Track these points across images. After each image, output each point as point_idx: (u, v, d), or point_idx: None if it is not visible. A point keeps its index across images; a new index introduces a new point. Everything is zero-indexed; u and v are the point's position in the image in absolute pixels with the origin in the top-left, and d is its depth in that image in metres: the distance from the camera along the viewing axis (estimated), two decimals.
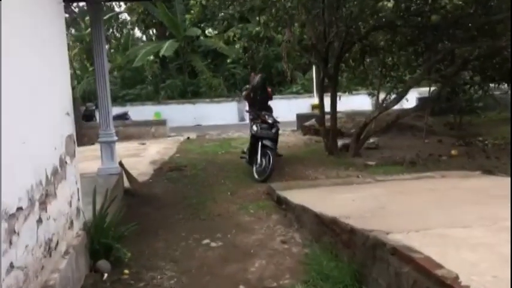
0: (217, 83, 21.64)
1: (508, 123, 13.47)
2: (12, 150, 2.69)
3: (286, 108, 18.06)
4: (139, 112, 19.47)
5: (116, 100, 19.16)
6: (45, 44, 3.66)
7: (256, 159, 7.76)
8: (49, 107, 3.66)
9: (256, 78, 9.19)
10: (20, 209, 2.76)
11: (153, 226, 5.51)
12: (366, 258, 3.42)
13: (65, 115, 4.07)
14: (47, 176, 3.36)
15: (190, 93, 22.14)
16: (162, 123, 15.82)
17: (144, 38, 28.69)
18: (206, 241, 4.97)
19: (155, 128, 15.35)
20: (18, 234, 2.71)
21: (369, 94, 13.82)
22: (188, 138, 14.73)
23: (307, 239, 4.69)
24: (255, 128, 8.03)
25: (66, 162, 3.93)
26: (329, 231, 4.19)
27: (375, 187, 6.04)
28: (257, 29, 9.95)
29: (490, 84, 11.73)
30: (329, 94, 10.10)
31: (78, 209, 4.27)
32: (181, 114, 19.98)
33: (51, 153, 3.58)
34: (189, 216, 5.92)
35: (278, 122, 8.31)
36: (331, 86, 9.87)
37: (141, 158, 10.68)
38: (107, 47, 18.76)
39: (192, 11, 10.09)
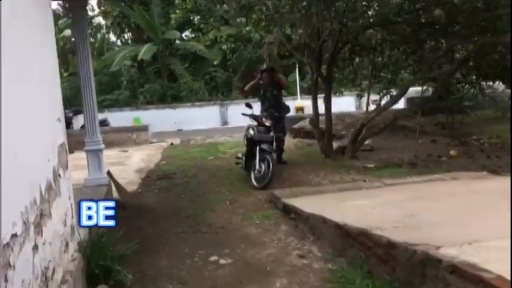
0: (198, 87, 21.07)
1: (500, 121, 13.40)
2: (4, 163, 2.19)
3: None
4: (118, 118, 18.72)
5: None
6: (35, 41, 3.16)
7: (255, 164, 7.29)
8: (40, 111, 3.15)
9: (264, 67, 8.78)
10: (14, 236, 2.26)
11: (151, 242, 5.00)
12: (412, 276, 3.02)
13: (56, 121, 3.56)
14: (41, 193, 2.85)
15: (170, 97, 21.51)
16: (143, 129, 15.19)
17: (119, 42, 27.98)
18: (214, 258, 4.49)
19: (136, 134, 14.71)
20: (13, 267, 2.21)
21: (358, 95, 13.53)
22: (172, 144, 14.18)
23: (328, 252, 4.26)
24: (251, 131, 7.57)
25: (59, 175, 3.42)
26: (357, 244, 3.78)
27: (387, 192, 5.67)
28: (247, 28, 9.52)
29: (482, 83, 11.63)
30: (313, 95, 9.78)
31: (72, 228, 3.75)
32: (162, 119, 19.31)
33: (45, 165, 3.07)
34: (189, 230, 5.42)
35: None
36: (325, 86, 9.50)
37: (125, 166, 10.13)
38: None
39: (178, 11, 9.60)
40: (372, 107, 11.83)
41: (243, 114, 7.88)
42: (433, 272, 2.80)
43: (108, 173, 6.70)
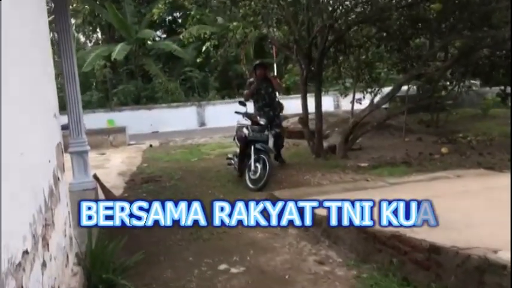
0: (173, 87, 20.49)
1: (481, 119, 13.50)
2: (11, 165, 1.78)
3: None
4: (91, 120, 17.86)
5: (65, 108, 17.63)
6: (34, 29, 2.74)
7: (250, 165, 6.92)
8: (38, 105, 2.71)
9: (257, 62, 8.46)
10: (25, 253, 1.85)
11: (151, 251, 4.57)
12: (465, 284, 2.72)
13: (52, 117, 3.13)
14: (45, 200, 2.43)
15: (144, 98, 20.85)
16: (120, 130, 14.54)
17: (88, 42, 27.13)
18: (223, 266, 4.11)
19: (113, 136, 14.08)
20: None
21: (341, 94, 13.32)
22: (151, 146, 13.66)
23: (350, 258, 3.94)
24: (245, 130, 7.19)
25: (58, 179, 2.99)
26: (387, 248, 3.47)
27: (396, 192, 5.38)
28: (234, 23, 9.15)
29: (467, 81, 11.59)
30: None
31: (71, 238, 3.32)
32: (137, 120, 18.62)
33: (46, 168, 2.65)
34: (189, 236, 5.00)
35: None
36: (315, 84, 9.23)
37: (106, 169, 9.58)
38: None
39: (160, 5, 9.14)
40: (357, 106, 11.68)
41: (236, 112, 7.51)
42: (495, 279, 2.52)
43: (95, 177, 6.23)
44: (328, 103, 19.71)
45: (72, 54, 5.90)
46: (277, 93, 8.68)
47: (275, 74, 19.97)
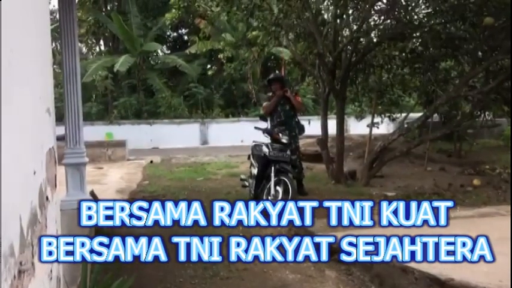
0: (177, 103, 19.73)
1: (504, 150, 12.69)
2: None
3: (253, 131, 16.49)
4: (89, 132, 16.99)
5: (62, 119, 16.79)
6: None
7: (269, 188, 6.06)
8: (26, 97, 1.88)
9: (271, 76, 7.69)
10: None
11: None
12: None
13: (45, 113, 2.30)
14: (21, 234, 1.57)
15: (146, 113, 20.03)
16: (120, 144, 13.64)
17: (91, 54, 26.46)
18: None
19: (112, 150, 13.20)
20: None
21: (357, 116, 12.58)
22: (151, 162, 12.80)
23: None
24: (265, 149, 6.34)
25: (47, 198, 2.14)
26: None
27: (456, 229, 4.54)
28: (254, 33, 8.44)
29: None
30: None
31: (59, 280, 2.45)
32: (136, 135, 17.75)
33: (29, 182, 1.79)
34: (203, 273, 4.13)
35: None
36: (338, 103, 8.45)
37: (103, 185, 8.73)
38: None
39: (174, 10, 8.43)
40: (375, 130, 10.93)
41: (256, 128, 6.70)
42: None
43: (92, 194, 5.38)
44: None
45: (75, 53, 5.10)
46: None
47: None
